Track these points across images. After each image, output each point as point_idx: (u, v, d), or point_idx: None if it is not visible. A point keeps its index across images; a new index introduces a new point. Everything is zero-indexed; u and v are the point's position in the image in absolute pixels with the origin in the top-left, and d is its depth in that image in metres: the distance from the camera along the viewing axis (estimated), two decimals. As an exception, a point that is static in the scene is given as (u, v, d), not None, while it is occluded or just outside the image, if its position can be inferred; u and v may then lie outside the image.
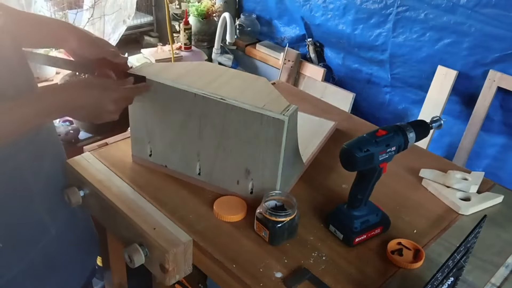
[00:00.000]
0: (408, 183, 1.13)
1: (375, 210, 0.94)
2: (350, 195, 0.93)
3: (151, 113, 1.02)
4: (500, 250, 0.95)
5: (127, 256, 0.90)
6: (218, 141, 0.97)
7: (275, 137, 0.90)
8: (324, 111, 1.42)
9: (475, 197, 1.07)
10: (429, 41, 2.10)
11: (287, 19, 2.74)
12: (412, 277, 0.86)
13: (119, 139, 1.19)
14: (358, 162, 0.85)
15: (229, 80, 1.02)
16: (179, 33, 2.69)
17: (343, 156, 0.86)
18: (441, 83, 2.09)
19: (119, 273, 1.33)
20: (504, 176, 2.06)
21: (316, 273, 0.84)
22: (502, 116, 2.03)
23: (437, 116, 0.95)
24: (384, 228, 0.95)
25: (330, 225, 0.95)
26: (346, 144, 0.86)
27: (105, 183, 1.02)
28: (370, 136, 0.86)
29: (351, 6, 2.33)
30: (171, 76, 0.98)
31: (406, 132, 0.89)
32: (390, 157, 0.89)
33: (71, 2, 2.39)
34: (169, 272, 0.87)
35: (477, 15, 1.91)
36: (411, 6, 2.10)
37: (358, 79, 2.49)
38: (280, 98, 0.95)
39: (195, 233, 0.91)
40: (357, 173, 0.91)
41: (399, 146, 0.89)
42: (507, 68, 1.92)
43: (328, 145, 1.24)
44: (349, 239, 0.91)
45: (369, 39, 2.31)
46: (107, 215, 1.01)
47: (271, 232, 0.89)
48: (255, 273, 0.83)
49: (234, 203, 0.98)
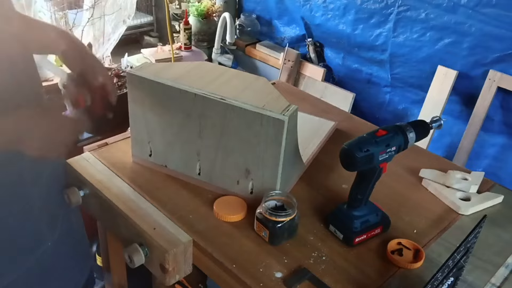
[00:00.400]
0: (408, 183, 1.13)
1: (375, 210, 0.94)
2: (350, 195, 0.93)
3: (151, 113, 1.02)
4: (500, 250, 0.95)
5: (127, 256, 0.90)
6: (218, 141, 0.97)
7: (275, 137, 0.90)
8: (324, 111, 1.42)
9: (475, 197, 1.07)
10: (430, 41, 2.10)
11: (287, 19, 2.74)
12: (412, 277, 0.86)
13: (119, 139, 1.19)
14: (358, 162, 0.85)
15: (229, 80, 1.02)
16: (179, 33, 2.69)
17: (343, 156, 0.86)
18: (441, 83, 2.09)
19: (119, 273, 1.33)
20: (504, 176, 2.06)
21: (316, 273, 0.84)
22: (502, 116, 2.03)
23: (437, 116, 0.95)
24: (384, 227, 0.95)
25: (330, 225, 0.95)
26: (346, 144, 0.85)
27: (105, 183, 1.02)
28: (370, 136, 0.86)
29: (351, 6, 2.33)
30: (171, 76, 0.98)
31: (406, 132, 0.89)
32: (390, 157, 0.89)
33: (71, 2, 2.38)
34: (169, 272, 0.87)
35: (478, 15, 1.91)
36: (412, 6, 2.10)
37: (358, 79, 2.49)
38: (280, 98, 0.95)
39: (195, 233, 0.91)
40: (357, 173, 0.91)
41: (399, 146, 0.89)
42: (507, 68, 1.92)
43: (328, 145, 1.24)
44: (349, 239, 0.91)
45: (369, 39, 2.31)
46: (107, 215, 1.01)
47: (271, 232, 0.89)
48: (255, 273, 0.83)
49: (234, 203, 0.98)
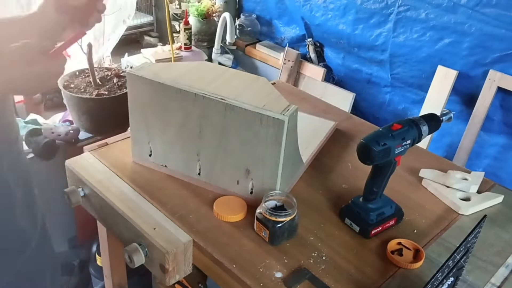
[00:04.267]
0: (408, 183, 1.13)
1: (389, 202, 0.96)
2: (366, 188, 0.95)
3: (151, 113, 1.02)
4: (500, 250, 0.95)
5: (127, 256, 0.90)
6: (218, 141, 0.97)
7: (275, 137, 0.90)
8: (324, 111, 1.42)
9: (475, 197, 1.07)
10: (430, 41, 2.09)
11: (287, 19, 2.74)
12: (412, 277, 0.86)
13: (119, 139, 1.19)
14: (376, 156, 0.86)
15: (229, 80, 1.02)
16: (179, 33, 2.69)
17: (361, 150, 0.88)
18: (441, 83, 2.09)
19: (119, 273, 1.33)
20: (504, 176, 2.06)
21: (316, 273, 0.84)
22: (502, 116, 2.02)
23: (446, 109, 0.97)
24: (398, 219, 0.97)
25: (346, 218, 0.96)
26: (363, 139, 0.87)
27: (105, 183, 1.02)
28: (386, 130, 0.89)
29: (351, 6, 2.32)
30: (171, 76, 0.98)
31: (420, 125, 0.92)
32: (404, 150, 0.91)
33: (71, 2, 2.38)
34: (169, 272, 0.87)
35: (478, 14, 1.91)
36: (412, 6, 2.10)
37: (358, 79, 2.49)
38: (280, 98, 0.95)
39: (195, 233, 0.91)
40: (373, 166, 0.93)
41: (414, 139, 0.92)
42: (507, 68, 1.92)
43: (328, 145, 1.24)
44: (365, 231, 0.93)
45: (369, 39, 2.31)
46: (107, 215, 1.01)
47: (271, 232, 0.89)
48: (255, 273, 0.83)
49: (234, 203, 0.98)
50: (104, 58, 2.35)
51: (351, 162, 1.18)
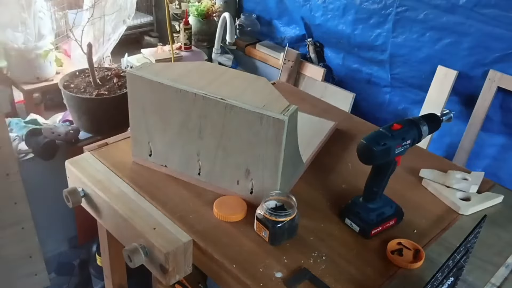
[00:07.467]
0: (408, 183, 1.13)
1: (389, 202, 0.96)
2: (366, 188, 0.94)
3: (151, 113, 1.02)
4: (500, 250, 0.95)
5: (127, 256, 0.90)
6: (218, 141, 0.97)
7: (275, 137, 0.90)
8: (324, 111, 1.42)
9: (475, 197, 1.07)
10: (429, 41, 2.10)
11: (287, 19, 2.74)
12: (412, 277, 0.86)
13: (119, 139, 1.19)
14: (376, 156, 0.87)
15: (229, 80, 1.02)
16: (179, 33, 2.69)
17: (361, 151, 0.88)
18: (441, 83, 2.09)
19: (119, 273, 1.33)
20: (504, 176, 2.06)
21: (316, 273, 0.84)
22: (502, 116, 2.03)
23: (446, 110, 0.97)
24: (398, 219, 0.97)
25: (346, 218, 0.96)
26: (363, 139, 0.87)
27: (105, 183, 1.02)
28: (386, 130, 0.89)
29: (351, 6, 2.33)
30: (171, 76, 0.98)
31: (420, 125, 0.92)
32: (404, 150, 0.91)
33: (71, 2, 2.39)
34: (169, 272, 0.87)
35: (477, 15, 1.91)
36: (411, 6, 2.10)
37: (358, 79, 2.49)
38: (280, 98, 0.95)
39: (195, 233, 0.91)
40: (373, 166, 0.93)
41: (414, 139, 0.92)
42: (507, 68, 1.92)
43: (328, 145, 1.24)
44: (365, 231, 0.93)
45: (369, 39, 2.31)
46: (107, 215, 1.01)
47: (271, 232, 0.89)
48: (255, 273, 0.83)
49: (234, 203, 0.98)
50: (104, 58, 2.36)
51: (351, 162, 1.18)
